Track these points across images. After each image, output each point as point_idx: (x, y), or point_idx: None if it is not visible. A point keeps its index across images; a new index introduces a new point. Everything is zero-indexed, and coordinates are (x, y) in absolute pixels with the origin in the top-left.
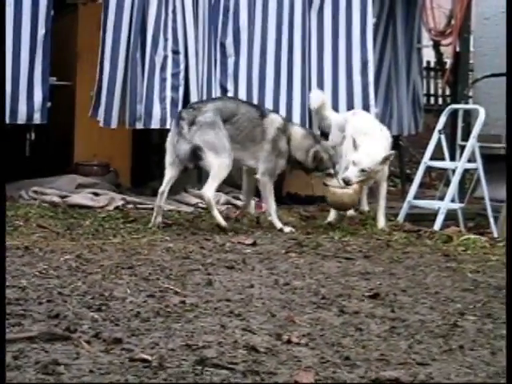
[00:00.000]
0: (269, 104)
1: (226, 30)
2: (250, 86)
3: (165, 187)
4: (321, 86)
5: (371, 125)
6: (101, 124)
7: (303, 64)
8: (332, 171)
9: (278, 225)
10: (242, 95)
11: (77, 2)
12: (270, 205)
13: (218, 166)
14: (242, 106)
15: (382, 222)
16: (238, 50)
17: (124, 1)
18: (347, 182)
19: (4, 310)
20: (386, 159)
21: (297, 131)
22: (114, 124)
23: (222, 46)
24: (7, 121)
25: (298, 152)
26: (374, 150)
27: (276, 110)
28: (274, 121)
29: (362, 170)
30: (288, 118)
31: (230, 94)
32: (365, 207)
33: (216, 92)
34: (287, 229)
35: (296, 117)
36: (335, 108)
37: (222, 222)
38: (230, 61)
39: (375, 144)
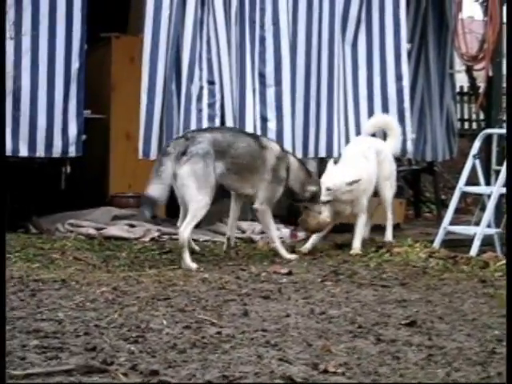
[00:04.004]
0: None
1: (264, 60)
2: (293, 116)
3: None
4: (357, 115)
5: (355, 152)
6: (140, 156)
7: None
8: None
9: (283, 252)
10: (284, 125)
11: (110, 35)
12: (273, 234)
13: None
14: (242, 138)
15: (356, 246)
16: (280, 80)
17: (160, 33)
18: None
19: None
20: (352, 182)
21: (293, 161)
22: (152, 155)
23: (261, 75)
24: (43, 154)
25: (294, 183)
26: (341, 173)
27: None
28: (274, 150)
29: (327, 189)
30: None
31: (271, 123)
32: (389, 238)
33: (254, 122)
34: (292, 256)
35: (338, 145)
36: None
37: (190, 264)
38: (270, 90)
39: (345, 168)
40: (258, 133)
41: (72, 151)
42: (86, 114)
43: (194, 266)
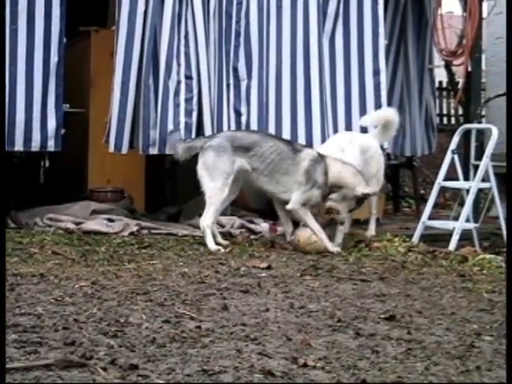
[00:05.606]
0: (286, 129)
1: (237, 54)
2: (263, 110)
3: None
4: (334, 109)
5: (329, 147)
6: (111, 149)
7: (320, 89)
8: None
9: (328, 245)
10: (255, 119)
11: (89, 29)
12: (316, 229)
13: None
14: (269, 139)
15: (338, 241)
16: (251, 74)
17: (135, 27)
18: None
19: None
20: None
21: (333, 164)
22: (124, 149)
23: (235, 70)
24: (21, 148)
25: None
26: None
27: (294, 135)
28: (307, 153)
29: None
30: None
31: (244, 117)
32: (372, 232)
33: (229, 116)
34: (337, 249)
35: (316, 140)
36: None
37: (213, 248)
38: (243, 84)
39: None
40: (233, 127)
41: (51, 145)
42: (65, 107)
43: (216, 247)
